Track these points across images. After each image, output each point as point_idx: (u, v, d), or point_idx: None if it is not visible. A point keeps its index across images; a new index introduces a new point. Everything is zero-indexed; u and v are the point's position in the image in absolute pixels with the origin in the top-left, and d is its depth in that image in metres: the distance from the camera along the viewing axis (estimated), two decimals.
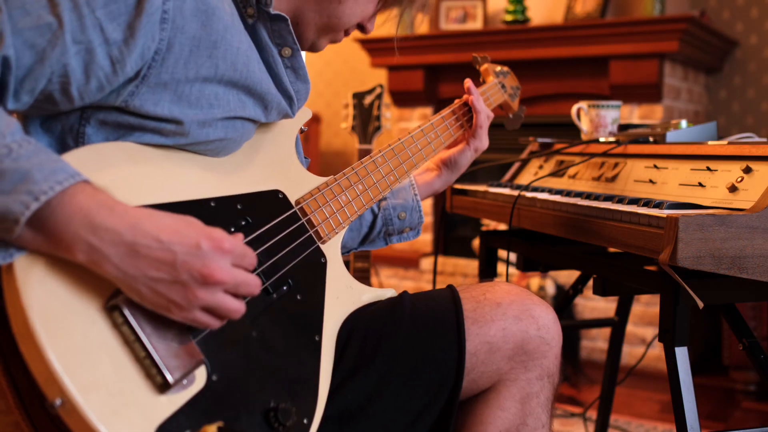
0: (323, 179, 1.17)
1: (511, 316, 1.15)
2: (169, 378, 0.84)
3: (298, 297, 1.07)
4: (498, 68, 1.65)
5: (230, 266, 0.85)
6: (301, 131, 1.21)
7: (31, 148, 0.80)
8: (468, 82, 1.45)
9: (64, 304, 0.80)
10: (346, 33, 1.18)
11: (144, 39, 0.89)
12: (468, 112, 1.45)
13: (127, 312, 0.83)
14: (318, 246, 1.12)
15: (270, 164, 1.11)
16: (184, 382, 0.87)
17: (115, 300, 0.83)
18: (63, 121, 0.93)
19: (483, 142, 1.45)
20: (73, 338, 0.79)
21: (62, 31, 0.85)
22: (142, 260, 0.81)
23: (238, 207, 1.02)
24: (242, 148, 1.08)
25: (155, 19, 0.90)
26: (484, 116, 1.44)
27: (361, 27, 1.18)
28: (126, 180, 0.91)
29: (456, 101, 1.45)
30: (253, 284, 0.87)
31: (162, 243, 0.82)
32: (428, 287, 3.85)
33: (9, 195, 0.77)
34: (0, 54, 0.82)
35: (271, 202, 1.08)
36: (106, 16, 0.87)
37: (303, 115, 1.19)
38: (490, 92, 1.57)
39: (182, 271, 0.82)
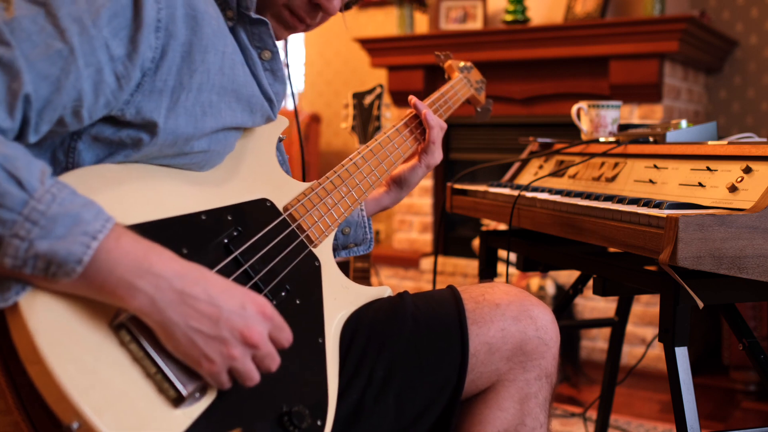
0: (308, 184, 1.17)
1: (510, 317, 1.16)
2: (183, 391, 0.84)
3: (297, 301, 1.07)
4: (461, 64, 1.66)
5: (267, 334, 0.87)
6: (280, 140, 1.22)
7: (68, 191, 0.80)
8: (412, 99, 1.39)
9: (71, 327, 0.80)
10: (297, 15, 1.09)
11: (144, 50, 0.89)
12: (420, 125, 1.39)
13: (133, 329, 0.83)
14: (310, 250, 1.12)
15: (254, 174, 1.12)
16: (197, 395, 0.87)
17: (120, 318, 0.83)
18: (53, 136, 0.92)
19: (435, 157, 1.39)
20: (82, 360, 0.79)
21: (74, 57, 0.84)
22: (188, 309, 0.82)
23: (228, 218, 1.02)
24: (225, 161, 1.08)
25: (151, 29, 0.90)
26: (437, 130, 1.37)
27: (317, 6, 1.09)
28: (114, 202, 0.90)
29: (408, 112, 1.40)
30: (277, 362, 0.89)
31: (210, 297, 0.83)
32: (428, 287, 3.85)
33: (66, 238, 0.77)
34: (22, 93, 0.81)
35: (259, 210, 1.08)
36: (110, 33, 0.87)
37: (280, 123, 1.18)
38: (457, 87, 1.58)
39: (224, 328, 0.83)
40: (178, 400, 0.84)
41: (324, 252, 1.15)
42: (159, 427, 0.82)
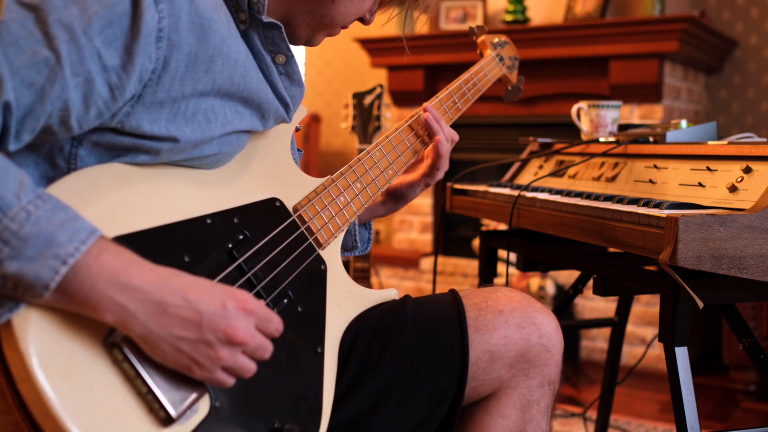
0: (320, 181, 1.14)
1: (513, 324, 1.15)
2: (172, 412, 0.84)
3: (299, 309, 1.05)
4: (495, 39, 1.58)
5: (253, 328, 0.86)
6: (297, 129, 1.18)
7: (48, 207, 0.78)
8: (427, 114, 1.29)
9: (63, 346, 0.79)
10: (344, 26, 1.14)
11: (142, 61, 0.86)
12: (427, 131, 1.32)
13: (126, 349, 0.83)
14: (318, 253, 1.10)
15: (265, 171, 1.08)
16: (188, 413, 0.86)
17: (113, 337, 0.82)
18: (47, 142, 0.90)
19: (436, 178, 1.34)
20: (73, 379, 0.79)
21: (61, 66, 0.81)
22: (169, 319, 0.81)
23: (235, 221, 1.00)
24: (236, 157, 1.05)
25: (151, 40, 0.86)
26: (445, 160, 1.31)
27: (361, 19, 1.14)
28: (120, 204, 0.89)
29: (419, 112, 1.32)
30: (269, 350, 0.88)
31: (189, 302, 0.82)
32: (428, 287, 3.85)
33: (36, 261, 0.76)
34: (1, 101, 0.79)
35: (268, 211, 1.05)
36: (103, 43, 0.84)
37: (298, 114, 1.16)
38: (488, 67, 1.51)
39: (207, 331, 0.83)
40: (167, 421, 0.84)
41: (332, 254, 1.12)
42: None
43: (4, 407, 0.83)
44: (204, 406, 0.88)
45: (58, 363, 0.78)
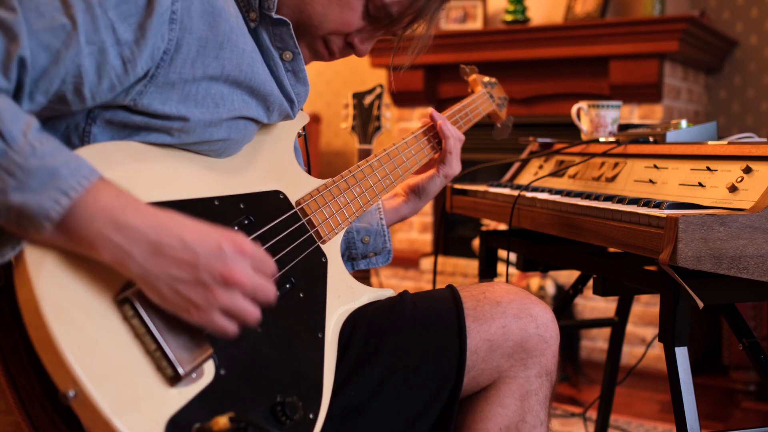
0: (322, 181, 1.19)
1: (511, 315, 1.16)
2: (180, 370, 0.85)
3: (301, 295, 1.08)
4: (486, 79, 1.68)
5: (250, 269, 0.86)
6: (299, 135, 1.23)
7: (51, 145, 0.81)
8: (430, 110, 1.41)
9: (76, 297, 0.81)
10: (329, 49, 1.14)
11: (154, 39, 0.90)
12: (436, 136, 1.41)
13: (137, 304, 0.84)
14: (318, 246, 1.14)
15: (270, 166, 1.13)
16: (194, 375, 0.88)
17: (125, 293, 0.84)
18: (68, 120, 0.94)
19: (453, 167, 1.40)
20: (85, 330, 0.80)
21: (76, 32, 0.86)
22: (165, 259, 0.82)
23: (241, 206, 1.04)
24: (243, 150, 1.09)
25: (164, 20, 0.91)
26: (453, 141, 1.39)
27: (351, 46, 1.15)
28: (131, 178, 0.92)
29: (423, 121, 1.41)
30: (271, 291, 0.89)
31: (185, 243, 0.83)
32: (428, 287, 3.85)
33: (40, 193, 0.78)
34: (17, 55, 0.82)
35: (272, 202, 1.10)
36: (117, 17, 0.88)
37: (301, 119, 1.22)
38: (479, 101, 1.59)
39: (203, 272, 0.83)
40: (174, 379, 0.85)
41: (332, 249, 1.17)
42: (154, 403, 0.82)
43: (4, 407, 0.83)
44: (209, 373, 0.90)
45: (70, 313, 0.79)
